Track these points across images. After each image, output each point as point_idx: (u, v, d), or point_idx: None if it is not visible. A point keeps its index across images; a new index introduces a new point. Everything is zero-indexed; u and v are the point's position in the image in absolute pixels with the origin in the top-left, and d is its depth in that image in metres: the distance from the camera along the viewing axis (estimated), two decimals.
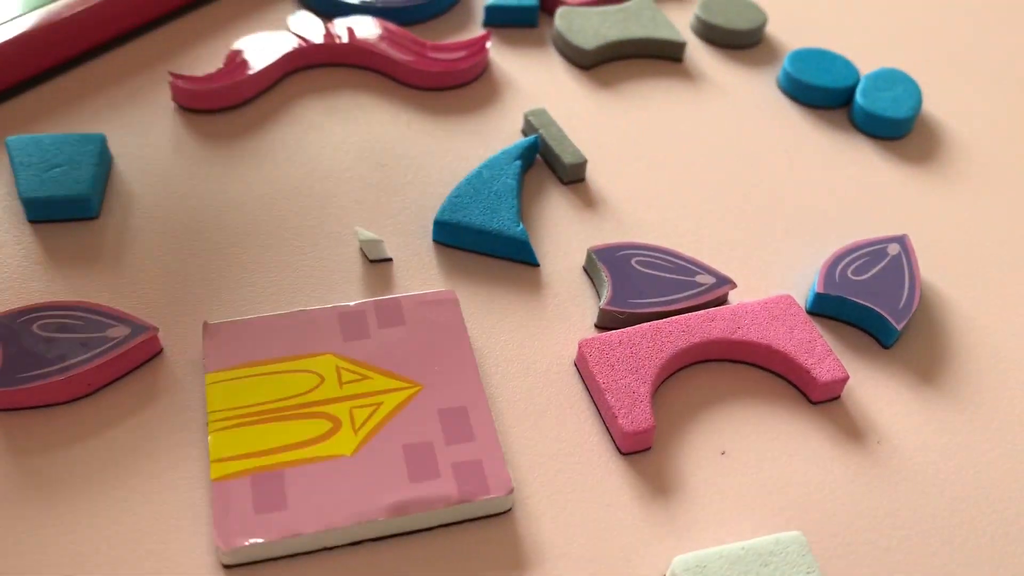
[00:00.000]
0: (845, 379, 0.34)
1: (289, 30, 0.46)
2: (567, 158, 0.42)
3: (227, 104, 0.43)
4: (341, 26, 0.47)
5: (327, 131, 0.43)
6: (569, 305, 0.37)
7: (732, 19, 0.51)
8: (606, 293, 0.36)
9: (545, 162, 0.43)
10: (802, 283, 0.39)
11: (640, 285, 0.36)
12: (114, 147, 0.41)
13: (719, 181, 0.43)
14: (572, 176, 0.42)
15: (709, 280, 0.37)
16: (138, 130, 0.42)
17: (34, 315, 0.33)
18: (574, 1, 0.51)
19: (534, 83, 0.47)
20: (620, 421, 0.31)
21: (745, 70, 0.49)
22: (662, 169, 0.43)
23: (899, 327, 0.36)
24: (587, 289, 0.38)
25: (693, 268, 0.37)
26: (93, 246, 0.37)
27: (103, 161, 0.39)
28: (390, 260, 0.38)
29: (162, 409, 0.32)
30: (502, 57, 0.49)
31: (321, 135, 0.43)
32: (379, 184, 0.41)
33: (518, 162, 0.41)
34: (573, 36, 0.48)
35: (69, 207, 0.38)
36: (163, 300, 0.36)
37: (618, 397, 0.32)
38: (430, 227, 0.39)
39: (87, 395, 0.32)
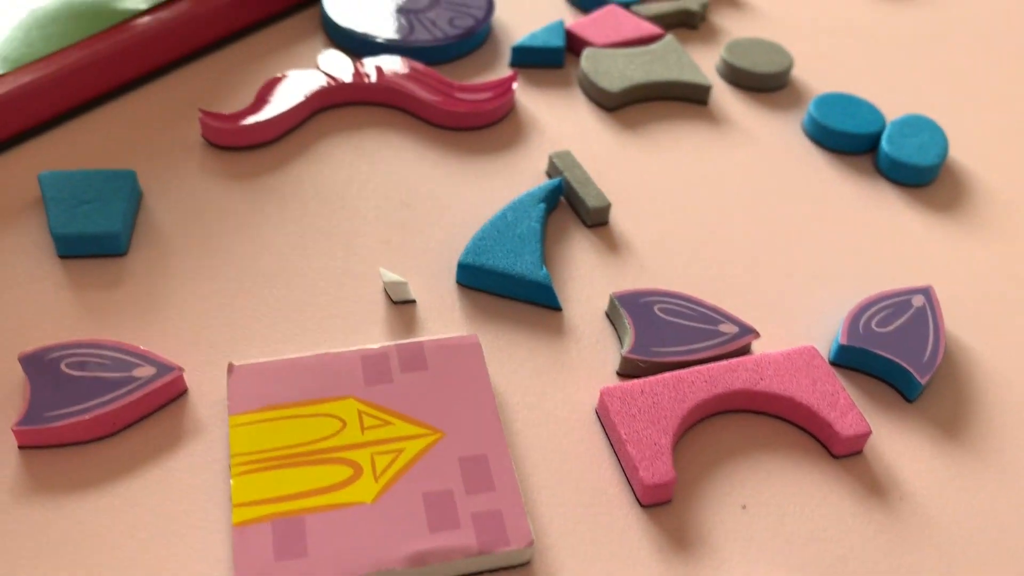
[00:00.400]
0: (868, 434, 0.34)
1: (319, 68, 0.47)
2: (591, 201, 0.42)
3: (255, 142, 0.44)
4: (370, 65, 0.47)
5: (354, 170, 0.44)
6: (591, 351, 0.37)
7: (758, 63, 0.51)
8: (628, 340, 0.36)
9: (569, 204, 0.43)
10: (825, 333, 0.39)
11: (663, 333, 0.36)
12: (143, 182, 0.42)
13: (743, 227, 0.43)
14: (596, 219, 0.42)
15: (732, 329, 0.37)
16: (167, 166, 0.43)
17: (62, 352, 0.33)
18: (600, 42, 0.51)
19: (559, 124, 0.47)
20: (641, 473, 0.31)
21: (770, 114, 0.50)
22: (686, 213, 0.43)
23: (923, 381, 0.36)
24: (609, 335, 0.38)
25: (716, 317, 0.37)
26: (121, 282, 0.38)
27: (133, 197, 0.40)
28: (414, 302, 0.38)
29: (185, 450, 0.32)
30: (528, 97, 0.49)
31: (348, 174, 0.43)
32: (404, 224, 0.41)
33: (542, 205, 0.41)
34: (599, 78, 0.48)
35: (98, 243, 0.38)
36: (189, 338, 0.36)
37: (639, 449, 0.32)
38: (454, 268, 0.40)
39: (111, 434, 0.33)
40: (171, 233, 0.40)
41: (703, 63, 0.52)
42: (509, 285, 0.38)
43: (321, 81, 0.46)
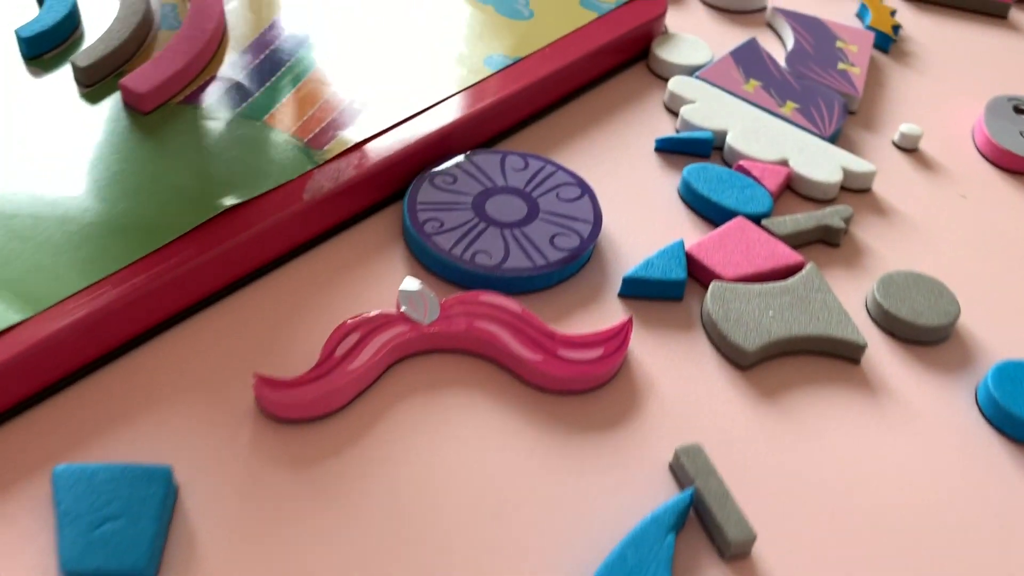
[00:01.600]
0: None
1: (398, 310, 0.39)
2: (732, 531, 0.33)
3: (320, 413, 0.36)
4: (458, 305, 0.39)
5: (436, 455, 0.36)
6: None
7: (920, 310, 0.42)
8: None
9: (698, 517, 0.35)
10: None
11: None
12: (179, 470, 0.34)
13: (920, 561, 0.34)
14: (735, 553, 0.34)
15: None
16: (210, 447, 0.35)
17: None
18: (729, 275, 0.43)
19: (682, 387, 0.39)
20: None
21: (934, 378, 0.41)
22: (846, 539, 0.35)
23: None
24: None
25: None
26: None
27: (167, 507, 0.32)
28: None
29: None
30: (641, 342, 0.41)
31: (430, 460, 0.35)
32: (500, 545, 0.33)
33: (671, 536, 0.33)
34: (730, 329, 0.40)
35: None
36: None
37: None
38: None
39: None
40: (210, 553, 0.32)
41: (849, 296, 0.44)
42: None
43: (400, 327, 0.38)
